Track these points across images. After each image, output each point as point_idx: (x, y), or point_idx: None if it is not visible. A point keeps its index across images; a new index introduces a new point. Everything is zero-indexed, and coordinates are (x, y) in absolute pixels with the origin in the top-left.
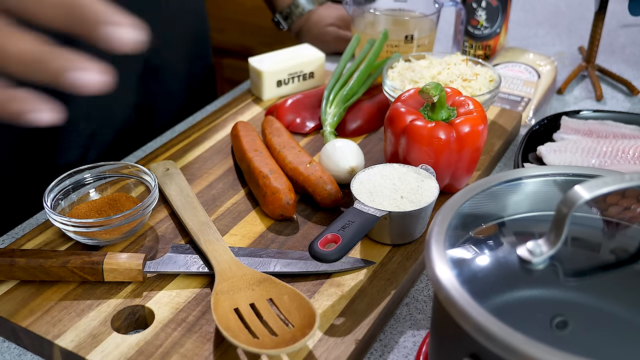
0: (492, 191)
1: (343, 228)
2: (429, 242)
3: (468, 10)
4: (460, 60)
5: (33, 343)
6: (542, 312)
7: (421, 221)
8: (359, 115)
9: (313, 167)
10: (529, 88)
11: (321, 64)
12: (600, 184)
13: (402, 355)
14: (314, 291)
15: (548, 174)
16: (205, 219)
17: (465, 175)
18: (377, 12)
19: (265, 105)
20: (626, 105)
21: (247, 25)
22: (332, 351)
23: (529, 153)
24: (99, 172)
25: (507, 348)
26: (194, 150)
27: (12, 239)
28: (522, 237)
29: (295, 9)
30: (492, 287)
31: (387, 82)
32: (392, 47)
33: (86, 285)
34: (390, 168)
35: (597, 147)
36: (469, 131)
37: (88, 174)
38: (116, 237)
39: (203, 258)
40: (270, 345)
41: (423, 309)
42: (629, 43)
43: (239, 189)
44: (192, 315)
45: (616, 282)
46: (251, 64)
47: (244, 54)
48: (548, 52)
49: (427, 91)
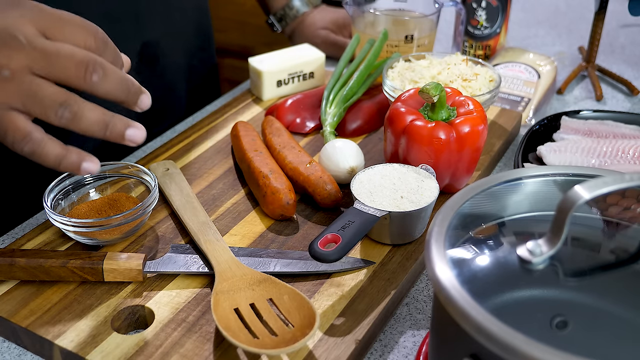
0: (492, 191)
1: (343, 228)
2: (429, 242)
3: (468, 10)
4: (460, 60)
5: (33, 343)
6: (542, 312)
7: (421, 221)
8: (359, 115)
9: (313, 167)
10: (529, 88)
11: (321, 64)
12: (600, 184)
13: (402, 355)
14: (314, 291)
15: (548, 174)
16: (205, 219)
17: (465, 175)
18: (377, 12)
19: (265, 105)
20: (626, 105)
21: (247, 25)
22: (332, 351)
23: (529, 153)
24: (99, 172)
25: (507, 348)
26: (194, 150)
27: (12, 239)
28: (522, 237)
29: (290, 11)
30: (492, 287)
31: (387, 82)
32: (392, 47)
33: (86, 285)
34: (390, 168)
35: (597, 147)
36: (469, 131)
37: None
38: (116, 237)
39: (203, 258)
40: (270, 345)
41: (423, 309)
42: (629, 43)
43: (239, 189)
44: (192, 315)
45: (616, 282)
46: (251, 64)
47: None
48: (548, 52)
49: (427, 91)
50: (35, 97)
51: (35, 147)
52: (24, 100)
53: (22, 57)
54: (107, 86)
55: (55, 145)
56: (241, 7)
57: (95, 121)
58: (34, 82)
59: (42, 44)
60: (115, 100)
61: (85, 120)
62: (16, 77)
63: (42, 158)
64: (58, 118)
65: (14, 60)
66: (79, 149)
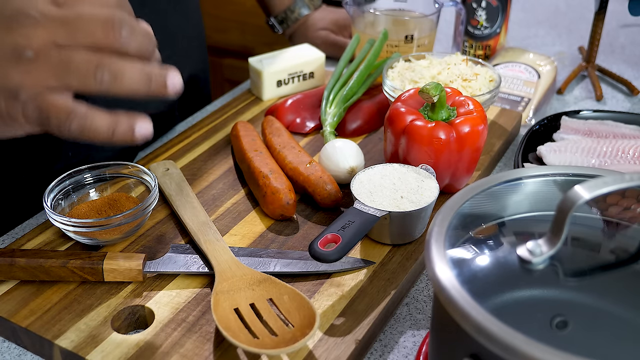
0: (492, 191)
1: (343, 228)
2: (429, 242)
3: (468, 10)
4: (460, 60)
5: (33, 343)
6: (542, 312)
7: (421, 221)
8: (359, 115)
9: (313, 167)
10: (529, 88)
11: (321, 64)
12: (600, 184)
13: (402, 355)
14: (314, 291)
15: (548, 174)
16: (205, 219)
17: (465, 175)
18: (377, 12)
19: (265, 105)
20: (626, 105)
21: (247, 25)
22: (332, 351)
23: (529, 153)
24: (99, 172)
25: (507, 348)
26: (194, 150)
27: (12, 239)
28: (522, 237)
29: (291, 14)
30: (492, 287)
31: (387, 82)
32: (392, 47)
33: (86, 285)
34: (390, 168)
35: (597, 147)
36: (469, 131)
37: (88, 174)
38: (116, 237)
39: (203, 258)
40: (270, 345)
41: (423, 309)
42: (629, 43)
43: (239, 189)
44: (192, 315)
45: (616, 282)
46: (251, 64)
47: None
48: (548, 52)
49: (427, 91)
50: (68, 69)
51: (82, 122)
52: (58, 76)
53: (41, 33)
54: (137, 40)
55: (103, 116)
56: (241, 7)
57: (138, 75)
58: (61, 54)
59: (58, 13)
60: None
61: (128, 78)
62: (41, 55)
63: (92, 133)
64: (99, 83)
65: (33, 38)
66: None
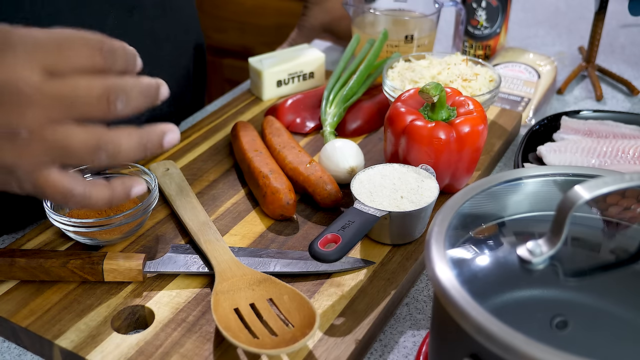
0: (492, 191)
1: (343, 228)
2: (429, 242)
3: (468, 10)
4: (460, 60)
5: (33, 343)
6: (542, 312)
7: (421, 221)
8: (359, 115)
9: (313, 167)
10: (529, 88)
11: (321, 64)
12: (600, 184)
13: (402, 355)
14: (314, 291)
15: (548, 174)
16: (205, 219)
17: (465, 175)
18: (377, 12)
19: (265, 105)
20: (626, 105)
21: (247, 25)
22: (332, 351)
23: (529, 153)
24: (99, 172)
25: (507, 348)
26: (194, 150)
27: (12, 239)
28: (522, 237)
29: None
30: (492, 287)
31: (387, 82)
32: (392, 47)
33: (86, 285)
34: (390, 168)
35: (597, 147)
36: (469, 131)
37: (88, 174)
38: (116, 237)
39: (203, 258)
40: (270, 345)
41: (423, 309)
42: (629, 43)
43: (239, 189)
44: (192, 315)
45: (616, 282)
46: (251, 64)
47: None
48: (548, 52)
49: (427, 91)
50: (65, 150)
51: (80, 201)
52: (54, 156)
53: (36, 111)
54: (132, 105)
55: (100, 189)
56: (241, 7)
57: (133, 148)
58: (57, 133)
59: (53, 88)
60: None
61: (124, 153)
62: (36, 134)
63: (91, 208)
64: (97, 163)
65: (27, 116)
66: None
